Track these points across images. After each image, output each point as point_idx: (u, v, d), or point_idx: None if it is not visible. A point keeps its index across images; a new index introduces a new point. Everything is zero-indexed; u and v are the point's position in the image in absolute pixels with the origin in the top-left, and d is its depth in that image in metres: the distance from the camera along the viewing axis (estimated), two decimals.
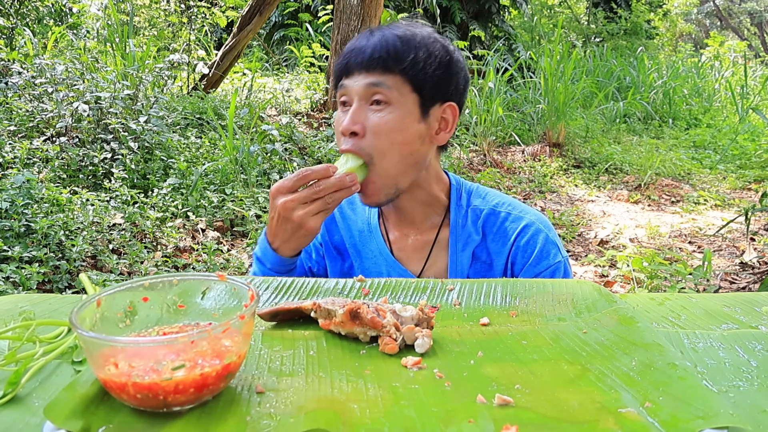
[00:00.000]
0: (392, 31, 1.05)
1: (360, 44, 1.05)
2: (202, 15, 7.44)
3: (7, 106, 4.17)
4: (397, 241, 1.19)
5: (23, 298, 0.86)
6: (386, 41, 1.03)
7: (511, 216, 1.14)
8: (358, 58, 1.04)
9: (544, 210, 5.09)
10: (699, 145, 7.72)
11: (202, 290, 0.67)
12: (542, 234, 1.11)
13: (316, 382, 0.58)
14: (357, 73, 1.04)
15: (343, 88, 1.06)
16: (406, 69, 1.02)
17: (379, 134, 1.02)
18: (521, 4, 11.88)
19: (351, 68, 1.05)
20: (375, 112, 1.03)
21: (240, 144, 4.24)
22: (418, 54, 1.03)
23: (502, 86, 7.37)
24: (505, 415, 0.52)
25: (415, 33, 1.06)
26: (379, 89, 1.02)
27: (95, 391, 0.54)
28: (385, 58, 1.02)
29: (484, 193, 1.19)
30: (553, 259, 1.10)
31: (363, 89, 1.03)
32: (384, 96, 1.02)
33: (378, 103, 1.03)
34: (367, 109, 1.03)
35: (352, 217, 1.24)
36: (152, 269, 2.95)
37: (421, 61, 1.03)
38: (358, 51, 1.04)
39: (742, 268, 3.72)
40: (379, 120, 1.02)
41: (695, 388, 0.55)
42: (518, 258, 1.12)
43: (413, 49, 1.03)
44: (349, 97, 1.05)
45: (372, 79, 1.02)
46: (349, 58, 1.05)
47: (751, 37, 22.51)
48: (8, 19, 5.50)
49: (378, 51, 1.02)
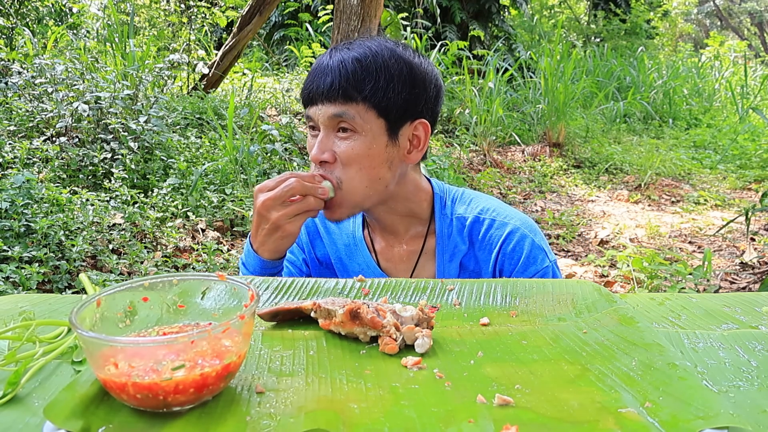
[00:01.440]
0: (351, 54, 1.02)
1: (320, 72, 1.03)
2: (202, 15, 7.43)
3: (7, 106, 4.17)
4: (383, 251, 1.18)
5: (23, 298, 0.86)
6: (345, 69, 1.01)
7: (495, 223, 1.12)
8: (319, 89, 1.02)
9: (544, 210, 5.09)
10: (699, 145, 7.72)
11: (202, 290, 0.67)
12: (528, 239, 1.10)
13: (316, 382, 0.58)
14: (320, 102, 1.03)
15: (309, 115, 1.06)
16: (368, 96, 1.01)
17: (347, 162, 1.03)
18: (521, 4, 11.88)
19: (314, 98, 1.04)
20: (342, 140, 1.03)
21: (240, 144, 4.24)
22: (379, 79, 1.01)
23: (502, 86, 7.37)
24: (505, 415, 0.52)
25: (376, 54, 1.02)
26: (344, 119, 1.01)
27: (95, 391, 0.54)
28: (345, 87, 1.00)
29: (468, 199, 1.18)
30: (540, 264, 1.09)
31: (328, 120, 1.02)
32: (349, 124, 1.02)
33: (344, 130, 1.02)
34: (334, 136, 1.03)
35: (336, 231, 1.23)
36: (152, 269, 2.95)
37: (382, 87, 1.01)
38: (318, 80, 1.02)
39: (742, 268, 3.72)
40: (345, 148, 1.02)
41: (695, 388, 0.55)
42: (506, 265, 1.11)
43: (372, 74, 1.01)
44: (316, 124, 1.05)
45: (335, 110, 1.01)
46: (311, 88, 1.04)
47: (751, 37, 22.51)
48: (8, 19, 5.50)
49: (337, 80, 1.00)
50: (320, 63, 1.05)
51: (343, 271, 1.21)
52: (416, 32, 7.83)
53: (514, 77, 8.49)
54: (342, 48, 1.05)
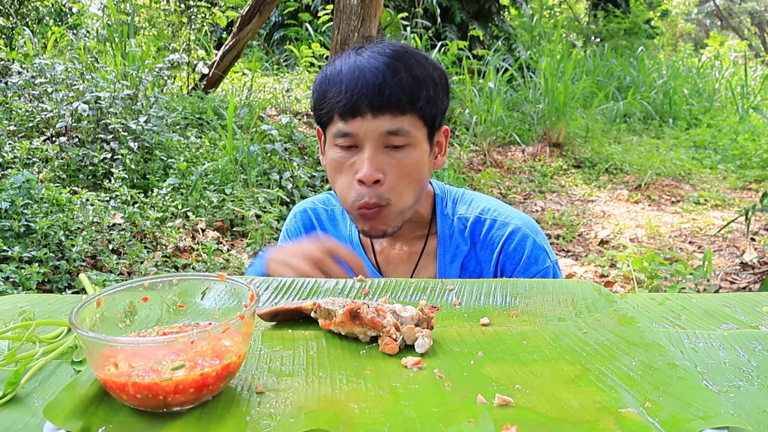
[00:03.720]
0: (394, 61, 0.95)
1: (359, 80, 0.94)
2: (202, 15, 7.43)
3: (6, 106, 4.17)
4: (383, 252, 1.18)
5: (23, 298, 0.86)
6: (397, 78, 0.93)
7: (497, 222, 1.12)
8: (370, 99, 0.93)
9: (544, 210, 5.09)
10: (699, 145, 7.72)
11: (202, 290, 0.67)
12: (530, 239, 1.10)
13: (316, 382, 0.58)
14: (365, 116, 0.95)
15: (349, 132, 0.97)
16: (422, 108, 0.97)
17: (400, 178, 0.98)
18: (521, 4, 11.88)
19: (360, 109, 0.94)
20: (394, 155, 0.98)
21: (240, 144, 4.24)
22: (429, 89, 0.97)
23: (502, 86, 7.37)
24: (505, 415, 0.52)
25: (418, 60, 0.98)
26: (399, 134, 0.96)
27: (95, 391, 0.54)
28: (401, 98, 0.94)
29: (468, 200, 1.17)
30: (542, 264, 1.09)
31: (380, 136, 0.96)
32: (404, 139, 0.97)
33: (395, 147, 0.97)
34: (383, 152, 0.97)
35: (333, 233, 1.22)
36: (152, 269, 2.95)
37: (432, 96, 0.98)
38: (362, 90, 0.93)
39: (743, 268, 3.72)
40: (398, 164, 0.98)
41: (695, 388, 0.55)
42: (507, 265, 1.10)
43: (424, 83, 0.97)
44: (358, 140, 0.97)
45: (390, 125, 0.95)
46: (350, 99, 0.94)
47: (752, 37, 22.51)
48: (8, 19, 5.50)
49: (393, 91, 0.93)
50: (353, 70, 0.96)
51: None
52: (416, 32, 7.83)
53: (514, 77, 8.49)
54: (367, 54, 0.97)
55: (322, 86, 1.01)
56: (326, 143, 1.06)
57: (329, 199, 1.26)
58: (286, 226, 1.26)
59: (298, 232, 1.24)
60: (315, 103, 1.04)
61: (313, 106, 1.06)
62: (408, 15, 8.69)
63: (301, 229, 1.24)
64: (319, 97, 1.02)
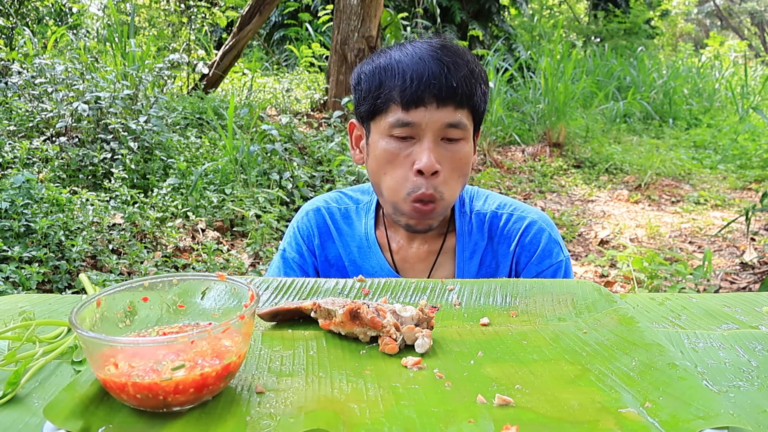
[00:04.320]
0: (454, 55, 0.96)
1: (425, 71, 0.94)
2: (202, 15, 7.43)
3: (6, 106, 4.17)
4: (400, 250, 1.16)
5: (23, 298, 0.86)
6: (460, 72, 0.95)
7: (513, 216, 1.13)
8: (437, 89, 0.94)
9: (544, 210, 5.09)
10: (699, 145, 7.72)
11: (202, 290, 0.67)
12: (545, 232, 1.11)
13: (316, 382, 0.58)
14: (433, 104, 0.95)
15: (411, 122, 0.96)
16: (475, 103, 0.99)
17: (452, 171, 0.99)
18: (521, 4, 11.88)
19: (425, 98, 0.94)
20: (448, 148, 0.98)
21: (240, 144, 4.24)
22: (482, 85, 0.99)
23: (502, 86, 7.37)
24: (505, 415, 0.52)
25: (474, 59, 0.99)
26: (458, 127, 0.97)
27: (95, 391, 0.54)
28: (464, 92, 0.95)
29: (484, 196, 1.19)
30: (555, 258, 1.10)
31: (441, 127, 0.96)
32: (461, 133, 0.98)
33: (450, 140, 0.98)
34: (440, 144, 0.98)
35: (348, 232, 1.19)
36: (152, 269, 2.95)
37: (483, 92, 1.00)
38: (429, 80, 0.93)
39: (743, 268, 3.72)
40: (453, 156, 0.99)
41: (695, 388, 0.55)
42: (522, 257, 1.12)
43: (479, 79, 0.98)
44: (417, 131, 0.97)
45: (451, 117, 0.96)
46: (423, 84, 0.94)
47: (752, 37, 22.52)
48: (8, 19, 5.50)
49: (460, 84, 0.94)
50: (415, 59, 0.96)
51: (356, 273, 1.18)
52: (416, 32, 7.83)
53: (514, 77, 8.49)
54: (424, 46, 0.98)
55: (377, 75, 0.99)
56: (371, 135, 1.04)
57: (341, 197, 1.23)
58: (298, 224, 1.22)
59: (310, 231, 1.21)
60: (366, 92, 1.01)
61: (361, 96, 1.03)
62: (408, 15, 8.69)
63: (314, 228, 1.20)
64: (372, 86, 1.00)
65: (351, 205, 1.22)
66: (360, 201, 1.21)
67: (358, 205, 1.21)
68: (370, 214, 1.18)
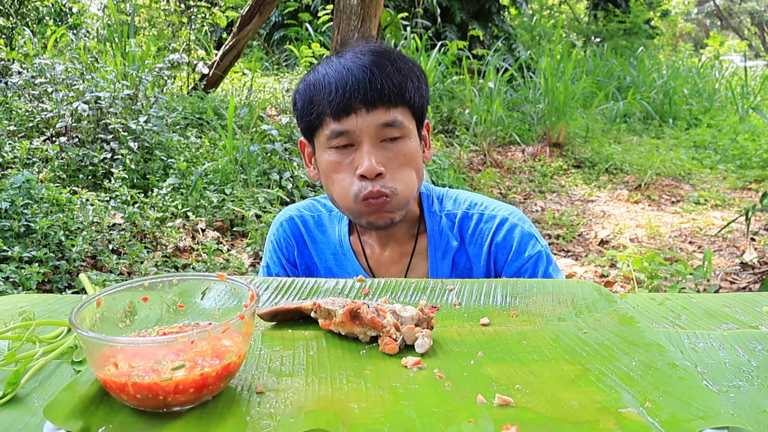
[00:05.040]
0: (374, 58, 0.98)
1: (348, 79, 0.96)
2: (202, 15, 7.43)
3: (6, 106, 4.17)
4: (373, 255, 1.17)
5: (23, 298, 0.86)
6: (384, 72, 0.96)
7: (484, 216, 1.13)
8: (362, 94, 0.95)
9: (544, 210, 5.09)
10: (699, 145, 7.72)
11: (202, 290, 0.67)
12: (518, 228, 1.11)
13: (316, 382, 0.58)
14: (359, 111, 0.96)
15: (345, 130, 0.98)
16: (409, 99, 1.00)
17: (400, 167, 1.00)
18: (521, 4, 11.88)
19: (354, 105, 0.96)
20: (391, 147, 1.00)
21: (240, 144, 4.24)
22: (413, 80, 1.00)
23: (502, 86, 7.37)
24: (505, 415, 0.52)
25: (398, 56, 1.01)
26: (395, 126, 0.98)
27: (95, 391, 0.54)
28: (392, 91, 0.97)
29: (453, 196, 1.19)
30: (533, 250, 1.10)
31: (375, 130, 0.97)
32: (398, 131, 0.99)
33: (391, 139, 0.99)
34: (380, 146, 0.99)
35: (322, 239, 1.20)
36: (152, 269, 2.95)
37: (416, 87, 1.01)
38: (353, 88, 0.95)
39: (743, 268, 3.72)
40: (396, 155, 1.00)
41: (695, 388, 0.55)
42: (499, 256, 1.12)
43: (408, 75, 1.00)
44: (354, 138, 0.98)
45: (386, 117, 0.97)
46: (342, 98, 0.95)
47: (752, 37, 22.52)
48: (8, 19, 5.50)
49: (384, 84, 0.96)
50: (339, 71, 0.97)
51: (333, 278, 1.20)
52: (416, 32, 7.83)
53: (514, 77, 8.49)
54: (350, 56, 0.99)
55: (308, 92, 1.01)
56: (316, 150, 1.06)
57: (314, 204, 1.24)
58: (274, 237, 1.22)
59: (289, 241, 1.21)
60: (301, 111, 1.04)
61: (298, 115, 1.06)
62: (408, 15, 8.69)
63: (290, 237, 1.20)
64: (305, 103, 1.02)
65: (324, 212, 1.22)
66: (332, 209, 1.21)
67: (331, 212, 1.21)
68: (344, 221, 1.19)
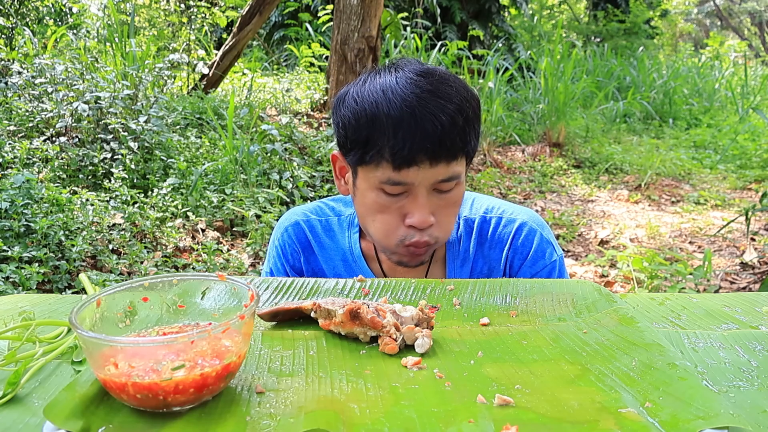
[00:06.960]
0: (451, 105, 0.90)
1: (416, 130, 0.88)
2: (202, 15, 7.43)
3: (6, 106, 4.17)
4: (388, 261, 1.12)
5: (23, 298, 0.86)
6: (454, 125, 0.89)
7: (503, 220, 1.11)
8: (430, 151, 0.89)
9: (544, 210, 5.09)
10: (699, 145, 7.72)
11: (202, 290, 0.67)
12: (537, 233, 1.10)
13: (316, 382, 0.58)
14: (426, 164, 0.90)
15: (403, 182, 0.92)
16: (469, 150, 0.95)
17: (448, 215, 0.98)
18: (521, 4, 11.88)
19: (417, 160, 0.89)
20: (442, 197, 0.96)
21: (240, 144, 4.24)
22: (477, 129, 0.95)
23: (502, 86, 7.37)
24: (505, 415, 0.52)
25: (470, 100, 0.94)
26: (452, 181, 0.94)
27: (95, 391, 0.54)
28: (458, 147, 0.91)
29: (470, 201, 1.16)
30: (549, 259, 1.09)
31: (434, 183, 0.93)
32: (453, 184, 0.95)
33: (445, 191, 0.96)
34: (433, 195, 0.95)
35: (331, 245, 1.15)
36: (152, 269, 2.95)
37: (476, 135, 0.96)
38: (425, 140, 0.88)
39: (743, 268, 3.72)
40: (447, 203, 0.97)
41: (695, 388, 0.55)
42: (515, 260, 1.10)
43: (473, 125, 0.94)
44: (410, 187, 0.93)
45: (446, 172, 0.92)
46: (415, 147, 0.88)
47: (752, 37, 22.52)
48: (8, 19, 5.50)
49: (454, 141, 0.90)
50: (404, 115, 0.88)
51: None
52: (416, 32, 7.83)
53: (514, 77, 8.49)
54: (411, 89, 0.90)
55: (364, 125, 0.91)
56: (357, 177, 0.98)
57: (321, 208, 1.19)
58: (279, 242, 1.17)
59: (294, 248, 1.16)
60: (352, 140, 0.94)
61: (344, 138, 0.96)
62: (408, 15, 8.69)
63: (296, 244, 1.16)
64: (360, 138, 0.92)
65: (332, 216, 1.17)
66: (342, 213, 1.17)
67: (340, 217, 1.16)
68: (354, 227, 1.15)
